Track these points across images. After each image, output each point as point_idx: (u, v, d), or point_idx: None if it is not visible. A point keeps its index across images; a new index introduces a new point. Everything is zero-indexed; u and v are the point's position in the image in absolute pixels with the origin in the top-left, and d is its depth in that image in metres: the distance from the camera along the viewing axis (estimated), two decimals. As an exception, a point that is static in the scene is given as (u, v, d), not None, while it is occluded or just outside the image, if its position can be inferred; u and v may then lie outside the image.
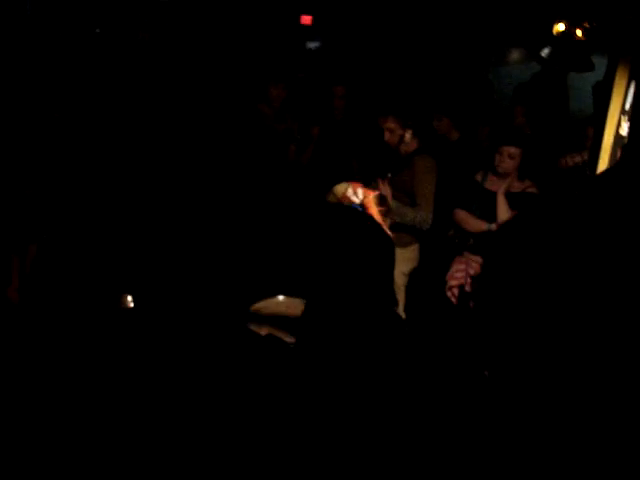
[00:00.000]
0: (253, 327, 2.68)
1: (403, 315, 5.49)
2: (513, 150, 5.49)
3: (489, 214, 5.57)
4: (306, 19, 9.74)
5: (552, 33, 4.87)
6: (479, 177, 5.78)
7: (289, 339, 2.55)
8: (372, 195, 3.85)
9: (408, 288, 5.73)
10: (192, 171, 6.00)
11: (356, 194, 3.80)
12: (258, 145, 6.18)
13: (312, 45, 9.95)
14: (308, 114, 6.65)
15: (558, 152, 5.91)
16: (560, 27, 4.82)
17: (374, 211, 3.82)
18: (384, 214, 3.95)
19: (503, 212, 5.47)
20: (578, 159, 5.50)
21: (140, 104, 6.39)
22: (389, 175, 5.53)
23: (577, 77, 7.47)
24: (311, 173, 6.30)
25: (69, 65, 7.50)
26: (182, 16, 9.42)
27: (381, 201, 3.97)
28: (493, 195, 5.59)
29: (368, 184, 5.65)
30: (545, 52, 4.91)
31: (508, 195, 5.56)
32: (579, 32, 4.80)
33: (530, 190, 5.62)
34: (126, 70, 6.85)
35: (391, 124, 5.51)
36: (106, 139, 6.01)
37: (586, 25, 4.77)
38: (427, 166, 5.49)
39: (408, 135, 5.41)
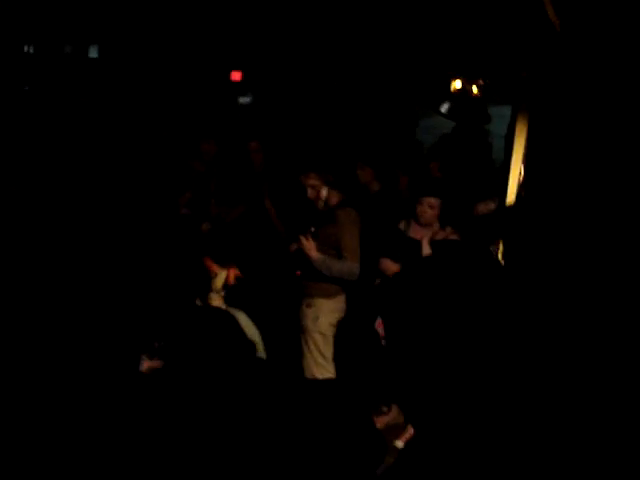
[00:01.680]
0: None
1: (331, 366, 5.55)
2: (433, 201, 5.64)
3: (413, 262, 5.69)
4: (236, 75, 9.92)
5: (450, 90, 5.09)
6: (402, 226, 5.91)
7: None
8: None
9: (336, 338, 5.79)
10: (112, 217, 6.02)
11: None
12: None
13: (243, 100, 10.12)
14: (232, 171, 6.76)
15: (475, 200, 6.09)
16: (457, 84, 5.04)
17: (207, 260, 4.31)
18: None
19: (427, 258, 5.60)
20: (492, 206, 5.70)
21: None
22: (312, 229, 5.60)
23: (501, 126, 7.74)
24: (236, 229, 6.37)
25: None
26: (114, 72, 9.54)
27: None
28: (417, 243, 5.72)
29: (293, 239, 5.77)
30: (444, 107, 5.13)
31: (432, 243, 5.71)
32: (474, 88, 5.03)
33: (452, 237, 5.78)
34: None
35: (312, 181, 5.57)
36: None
37: (480, 82, 4.99)
38: (350, 218, 5.54)
39: (324, 191, 5.51)
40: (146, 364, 3.98)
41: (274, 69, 9.67)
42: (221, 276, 4.40)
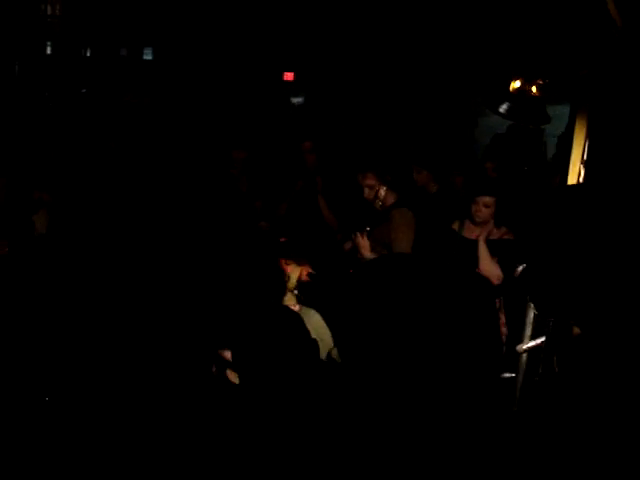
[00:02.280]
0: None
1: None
2: (488, 199, 5.61)
3: (468, 261, 5.66)
4: (289, 75, 9.99)
5: (509, 89, 5.04)
6: (456, 226, 5.88)
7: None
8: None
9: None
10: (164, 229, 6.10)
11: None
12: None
13: (296, 100, 10.18)
14: (281, 170, 6.81)
15: (532, 200, 6.04)
16: (516, 84, 4.99)
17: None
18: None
19: (485, 259, 5.55)
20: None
21: (118, 167, 6.55)
22: (367, 229, 5.59)
23: (556, 126, 7.66)
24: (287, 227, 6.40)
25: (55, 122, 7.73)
26: (169, 77, 9.67)
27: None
28: (471, 243, 5.68)
29: (347, 237, 5.78)
30: (503, 108, 5.07)
31: (487, 242, 5.66)
32: (534, 88, 4.97)
33: (507, 237, 5.73)
34: (108, 132, 7.02)
35: (370, 180, 5.56)
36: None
37: (540, 82, 4.94)
38: (405, 219, 5.49)
39: (382, 191, 5.50)
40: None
41: (327, 69, 9.69)
42: (294, 274, 4.36)
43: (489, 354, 1.75)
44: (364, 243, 5.41)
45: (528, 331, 4.17)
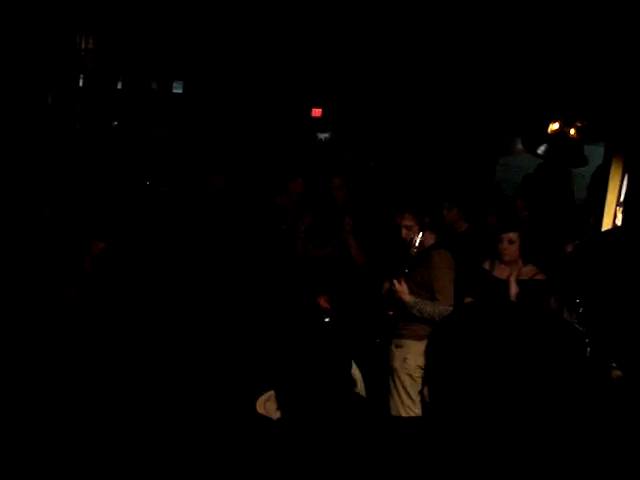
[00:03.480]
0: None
1: (417, 408, 5.50)
2: (512, 235, 5.59)
3: (500, 301, 5.63)
4: (317, 112, 10.11)
5: (547, 131, 5.08)
6: (487, 265, 5.86)
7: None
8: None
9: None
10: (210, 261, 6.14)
11: None
12: (276, 240, 6.33)
13: (322, 136, 10.28)
14: (319, 209, 6.81)
15: (562, 239, 6.03)
16: (555, 126, 5.03)
17: None
18: None
19: (517, 299, 5.55)
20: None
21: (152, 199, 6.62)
22: (405, 270, 5.55)
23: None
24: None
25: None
26: (197, 111, 9.79)
27: None
28: (502, 282, 5.67)
29: (383, 277, 5.77)
30: (541, 149, 5.11)
31: (518, 282, 5.65)
32: (572, 131, 5.01)
33: (538, 277, 5.72)
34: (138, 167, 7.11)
35: (408, 221, 5.55)
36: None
37: (578, 124, 4.97)
38: (444, 260, 5.43)
39: (419, 234, 5.48)
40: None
41: (354, 105, 9.78)
42: None
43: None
44: (402, 288, 5.40)
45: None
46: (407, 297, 5.34)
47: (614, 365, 3.66)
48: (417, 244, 5.43)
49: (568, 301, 4.76)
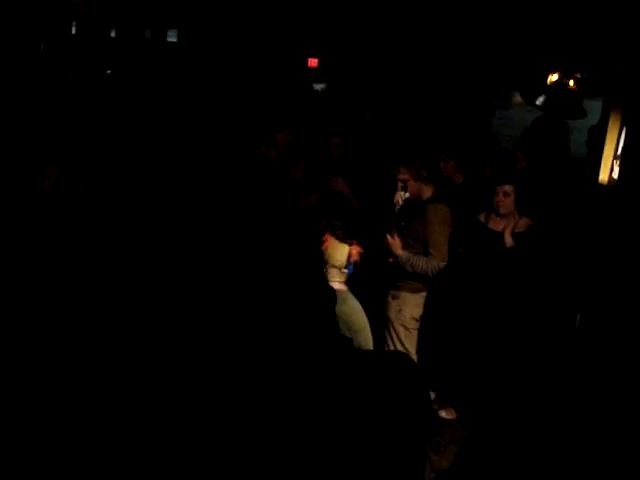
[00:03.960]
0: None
1: (414, 357, 5.52)
2: (507, 188, 5.58)
3: (494, 254, 5.64)
4: (313, 62, 10.00)
5: (546, 83, 5.03)
6: (482, 217, 5.86)
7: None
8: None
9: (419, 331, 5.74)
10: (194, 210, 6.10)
11: None
12: (264, 188, 6.28)
13: (318, 86, 10.18)
14: (312, 161, 6.76)
15: (558, 192, 6.04)
16: (554, 77, 4.98)
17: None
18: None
19: (510, 250, 5.56)
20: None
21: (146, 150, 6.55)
22: (402, 224, 5.53)
23: (579, 120, 7.66)
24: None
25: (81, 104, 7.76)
26: (191, 60, 9.67)
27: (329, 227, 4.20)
28: (497, 235, 5.67)
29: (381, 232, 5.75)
30: (540, 100, 5.07)
31: (513, 235, 5.65)
32: (572, 82, 4.96)
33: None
34: (136, 113, 7.02)
35: (403, 175, 5.51)
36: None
37: (578, 75, 4.93)
38: (440, 214, 5.41)
39: (416, 185, 5.43)
40: None
41: (351, 56, 9.68)
42: (342, 250, 4.29)
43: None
44: (395, 243, 5.41)
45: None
46: (399, 251, 5.35)
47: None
48: (402, 199, 5.38)
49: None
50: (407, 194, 5.46)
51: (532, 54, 6.11)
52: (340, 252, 4.37)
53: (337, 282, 4.37)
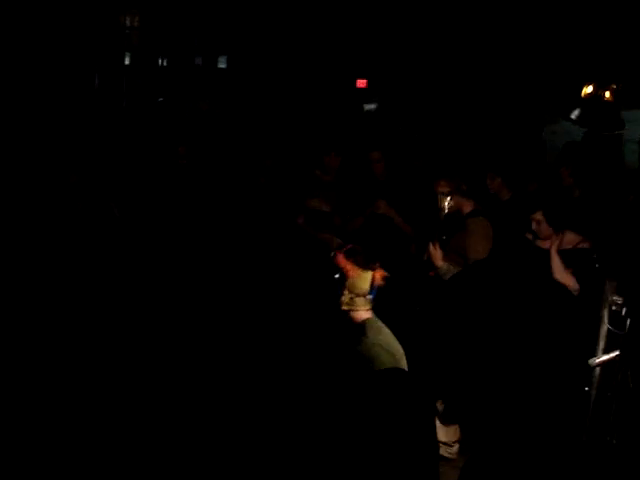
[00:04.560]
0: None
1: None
2: (537, 215, 5.48)
3: (543, 272, 5.54)
4: (361, 82, 10.01)
5: (581, 95, 4.92)
6: (530, 235, 5.77)
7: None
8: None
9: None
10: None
11: None
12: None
13: (369, 107, 10.18)
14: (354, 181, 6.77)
15: (610, 206, 5.89)
16: (588, 89, 4.87)
17: (341, 261, 4.12)
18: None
19: (558, 270, 5.44)
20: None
21: (196, 176, 6.65)
22: (444, 237, 5.52)
23: (633, 131, 7.46)
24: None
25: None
26: (240, 85, 9.79)
27: (349, 254, 4.14)
28: (545, 252, 5.57)
29: (424, 246, 5.72)
30: (575, 114, 4.96)
31: (561, 252, 5.54)
32: (607, 93, 4.84)
33: (582, 245, 5.59)
34: (186, 139, 7.14)
35: (443, 188, 5.50)
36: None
37: (613, 86, 4.81)
38: (480, 228, 5.43)
39: (448, 199, 5.43)
40: None
41: (400, 76, 9.67)
42: (365, 277, 4.22)
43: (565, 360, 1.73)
44: (436, 253, 5.37)
45: (602, 345, 4.09)
46: (439, 262, 5.33)
47: None
48: (446, 210, 5.37)
49: (611, 272, 4.67)
50: (452, 202, 5.45)
51: (566, 66, 6.01)
52: (364, 280, 4.28)
53: (363, 310, 4.27)
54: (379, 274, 4.41)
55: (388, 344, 4.17)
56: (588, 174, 6.32)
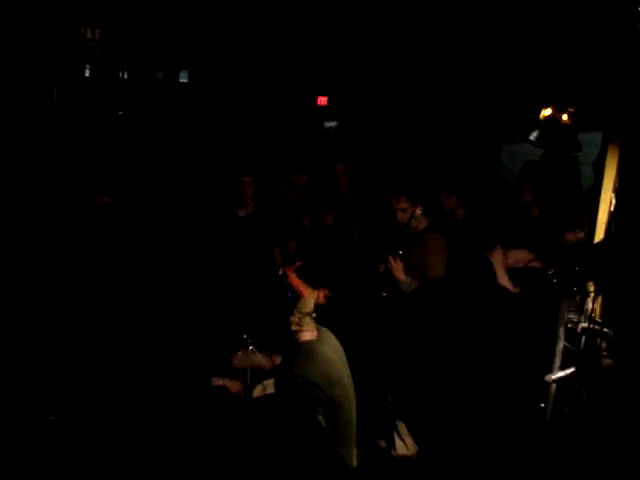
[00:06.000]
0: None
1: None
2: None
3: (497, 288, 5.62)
4: (322, 100, 10.07)
5: (539, 118, 5.03)
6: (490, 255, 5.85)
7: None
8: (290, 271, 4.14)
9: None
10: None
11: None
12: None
13: (329, 124, 10.24)
14: (316, 195, 6.83)
15: (564, 228, 5.99)
16: (547, 112, 4.98)
17: (294, 281, 4.14)
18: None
19: (501, 277, 5.55)
20: (581, 235, 5.58)
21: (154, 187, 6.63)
22: (400, 252, 5.60)
23: (590, 153, 7.62)
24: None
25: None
26: (202, 99, 9.79)
27: (301, 273, 4.17)
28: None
29: (381, 261, 5.79)
30: (533, 135, 5.05)
31: (511, 270, 5.61)
32: (565, 116, 4.96)
33: (533, 264, 5.68)
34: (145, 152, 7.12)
35: (403, 204, 5.59)
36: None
37: (571, 110, 4.93)
38: (437, 243, 5.54)
39: (418, 211, 5.52)
40: (221, 382, 4.08)
41: (360, 93, 9.75)
42: (313, 296, 4.26)
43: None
44: (397, 266, 5.43)
45: (558, 361, 4.14)
46: (401, 275, 5.38)
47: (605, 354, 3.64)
48: (416, 225, 5.46)
49: (567, 290, 4.74)
50: (409, 218, 5.55)
51: (525, 88, 6.13)
52: (313, 299, 4.31)
53: (309, 331, 4.28)
54: (322, 293, 4.46)
55: (317, 374, 4.11)
56: (548, 194, 6.42)
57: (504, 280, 5.38)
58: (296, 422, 2.16)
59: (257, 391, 4.27)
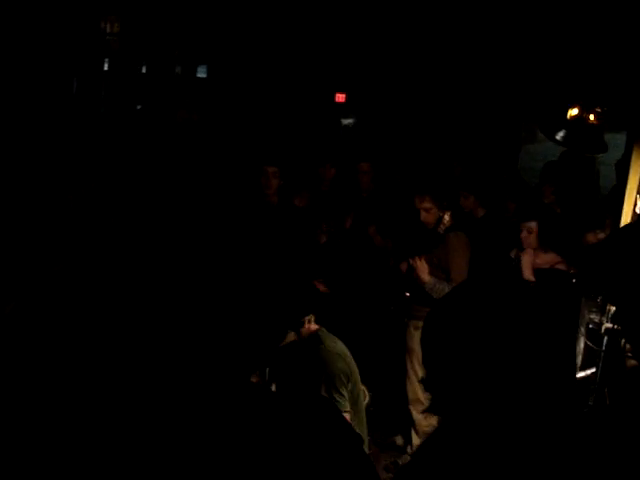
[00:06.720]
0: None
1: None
2: (531, 224, 5.61)
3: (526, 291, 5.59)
4: (340, 97, 10.05)
5: (566, 117, 5.00)
6: (513, 254, 5.85)
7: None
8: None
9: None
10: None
11: None
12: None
13: (346, 122, 10.21)
14: (337, 192, 6.80)
15: (585, 228, 5.97)
16: (574, 111, 4.95)
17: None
18: None
19: (527, 270, 5.54)
20: (601, 236, 5.56)
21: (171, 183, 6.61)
22: (424, 253, 5.57)
23: (608, 154, 7.58)
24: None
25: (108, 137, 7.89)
26: (222, 95, 9.79)
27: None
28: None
29: (403, 260, 5.77)
30: (560, 135, 5.03)
31: (538, 271, 5.60)
32: (592, 116, 4.93)
33: (559, 266, 5.67)
34: (164, 147, 7.11)
35: (428, 204, 5.56)
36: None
37: (598, 109, 4.89)
38: (461, 242, 5.52)
39: (447, 217, 5.51)
40: None
41: (379, 91, 9.72)
42: None
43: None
44: (422, 267, 5.39)
45: (579, 361, 4.12)
46: (426, 276, 5.35)
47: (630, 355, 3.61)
48: (444, 227, 5.46)
49: (588, 293, 4.72)
50: (433, 217, 5.56)
51: (552, 87, 6.08)
52: None
53: (314, 323, 4.63)
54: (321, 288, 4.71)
55: (344, 351, 4.53)
56: (568, 194, 6.39)
57: (530, 278, 5.38)
58: (323, 419, 2.13)
59: None
